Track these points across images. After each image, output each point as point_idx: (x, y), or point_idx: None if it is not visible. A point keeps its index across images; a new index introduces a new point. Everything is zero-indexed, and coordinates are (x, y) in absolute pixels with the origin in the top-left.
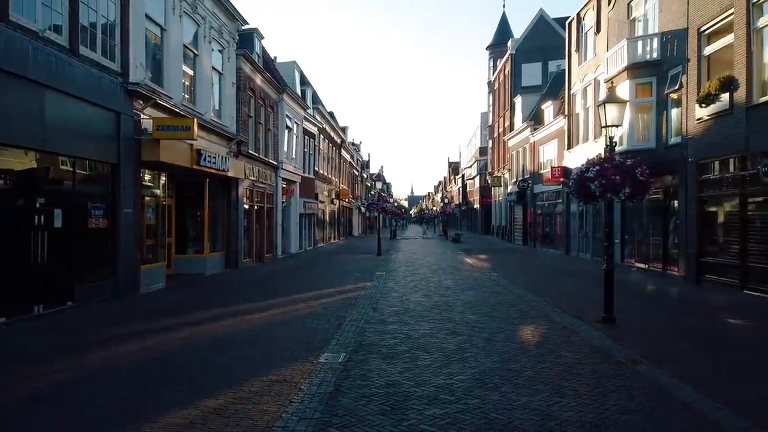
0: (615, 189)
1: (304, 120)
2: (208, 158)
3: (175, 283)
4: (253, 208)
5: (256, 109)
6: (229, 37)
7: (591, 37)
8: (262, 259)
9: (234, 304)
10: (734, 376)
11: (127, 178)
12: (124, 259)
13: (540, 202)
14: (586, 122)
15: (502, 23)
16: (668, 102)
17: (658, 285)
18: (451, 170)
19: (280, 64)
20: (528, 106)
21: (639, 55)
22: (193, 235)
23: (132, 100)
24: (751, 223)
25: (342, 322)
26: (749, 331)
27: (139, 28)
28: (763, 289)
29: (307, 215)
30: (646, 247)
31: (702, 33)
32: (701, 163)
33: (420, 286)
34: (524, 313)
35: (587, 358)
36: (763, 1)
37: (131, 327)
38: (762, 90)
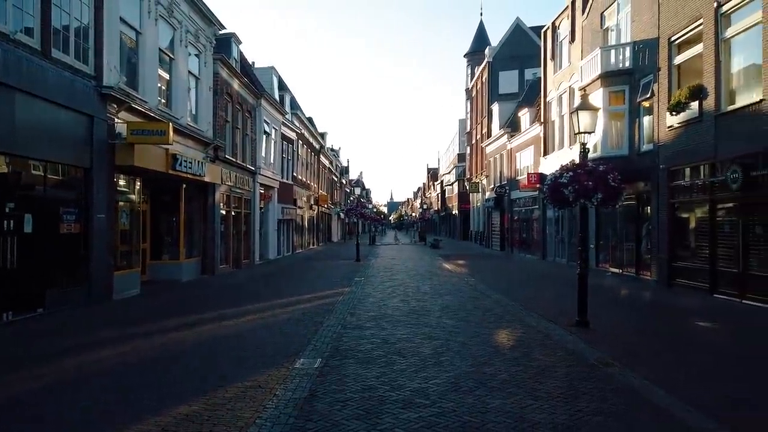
0: (588, 194)
1: (283, 125)
2: (184, 163)
3: (150, 289)
4: (231, 214)
5: (233, 113)
6: (205, 41)
7: (566, 45)
8: (240, 265)
9: (210, 310)
10: (704, 378)
11: (100, 182)
12: (96, 265)
13: (517, 208)
14: (561, 129)
15: (480, 31)
16: (640, 110)
17: (631, 289)
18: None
19: (258, 69)
20: (505, 113)
21: (612, 63)
22: (168, 240)
23: (106, 103)
24: (720, 228)
25: (319, 327)
26: (717, 334)
27: (114, 32)
28: (731, 293)
29: (285, 221)
30: (620, 252)
31: (672, 43)
32: (672, 170)
33: (398, 292)
34: (500, 318)
35: (561, 360)
36: (730, 12)
37: (104, 334)
38: (730, 98)
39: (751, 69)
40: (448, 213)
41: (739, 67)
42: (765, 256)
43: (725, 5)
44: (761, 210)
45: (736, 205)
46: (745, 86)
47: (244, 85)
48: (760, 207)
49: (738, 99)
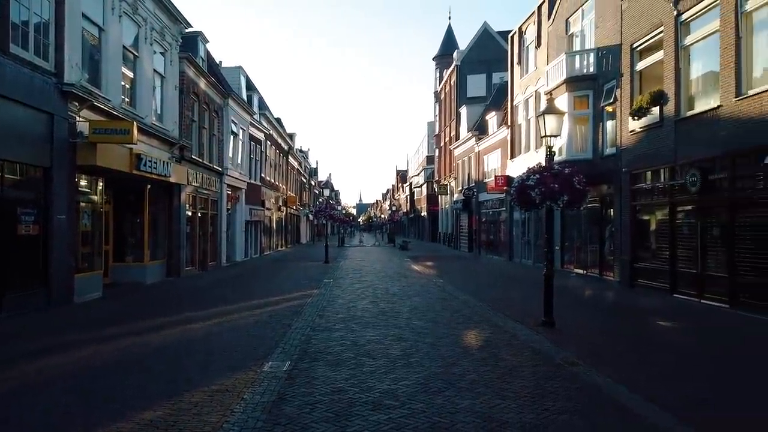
0: (554, 196)
1: (251, 126)
2: (148, 163)
3: (112, 292)
4: (197, 215)
5: (200, 113)
6: (171, 39)
7: (532, 50)
8: (206, 268)
9: (175, 313)
10: (665, 377)
11: (60, 182)
12: (57, 267)
13: (485, 210)
14: (528, 133)
15: (448, 35)
16: (604, 114)
17: (595, 290)
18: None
19: (226, 69)
20: (473, 117)
21: (576, 69)
22: (132, 242)
23: (67, 101)
24: (680, 230)
25: (287, 329)
26: (678, 334)
27: (75, 28)
28: (689, 293)
29: (253, 222)
30: (584, 253)
31: (634, 49)
32: (634, 173)
33: (367, 293)
34: (468, 318)
35: (527, 360)
36: (690, 21)
37: (65, 337)
38: (689, 104)
39: (709, 76)
40: (417, 215)
41: (698, 74)
42: (722, 258)
43: (685, 14)
44: (718, 212)
45: (695, 208)
46: (703, 92)
47: (210, 84)
48: (717, 210)
49: (697, 105)
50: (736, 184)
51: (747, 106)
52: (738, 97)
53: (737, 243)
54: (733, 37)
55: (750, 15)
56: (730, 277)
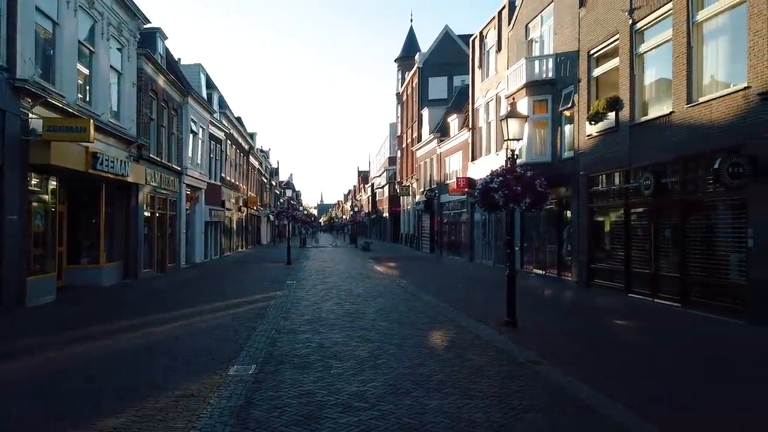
0: (517, 199)
1: (210, 125)
2: (105, 162)
3: (67, 295)
4: (155, 216)
5: (158, 111)
6: (129, 35)
7: (493, 54)
8: (164, 269)
9: (134, 316)
10: (624, 375)
11: (11, 181)
12: (7, 269)
13: (446, 212)
14: (489, 135)
15: (410, 37)
16: (562, 119)
17: (554, 289)
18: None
19: (185, 67)
20: (435, 119)
21: (536, 74)
22: (87, 243)
23: (19, 97)
24: (634, 232)
25: (252, 332)
26: (633, 333)
27: (28, 21)
28: (643, 293)
29: (213, 223)
30: (543, 254)
31: (591, 56)
32: (591, 176)
33: (331, 295)
34: (432, 319)
35: (492, 360)
36: (644, 29)
37: (16, 343)
38: (643, 110)
39: (662, 83)
40: (379, 215)
41: (651, 81)
42: (674, 258)
43: (639, 23)
44: (671, 215)
45: (649, 210)
46: (656, 99)
47: (170, 82)
48: (669, 212)
49: (651, 111)
50: (688, 187)
51: (698, 113)
52: (689, 104)
53: (688, 244)
54: (685, 46)
55: (701, 25)
56: (681, 277)
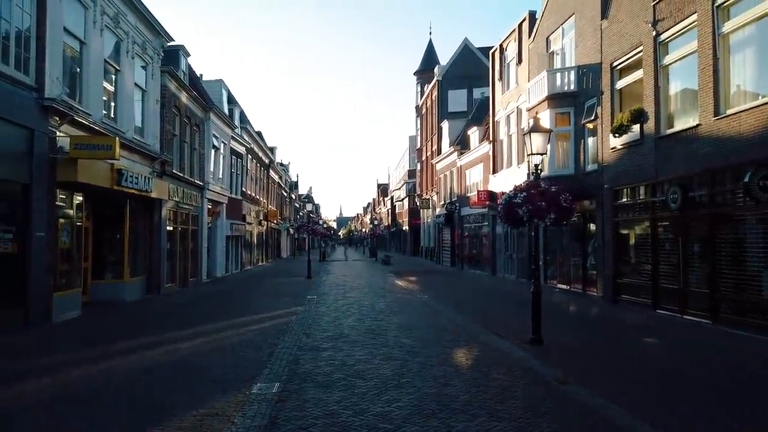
0: (541, 214)
1: (232, 139)
2: (130, 178)
3: (92, 310)
4: (177, 230)
5: (181, 127)
6: (153, 53)
7: (513, 67)
8: (186, 284)
9: (157, 332)
10: (655, 395)
11: (40, 199)
12: (35, 286)
13: (467, 225)
14: (510, 148)
15: (429, 50)
16: (585, 131)
17: (579, 305)
18: (380, 192)
19: (207, 83)
20: (454, 131)
21: (558, 86)
22: (112, 259)
23: (47, 116)
24: (661, 246)
25: (274, 349)
26: (663, 351)
27: (57, 42)
28: (672, 309)
29: (234, 237)
30: (566, 268)
31: (614, 68)
32: (616, 189)
33: (352, 310)
34: (456, 336)
35: (519, 380)
36: (668, 41)
37: (43, 360)
38: (669, 122)
39: (688, 94)
40: (399, 229)
41: (677, 93)
42: (703, 273)
43: (663, 34)
44: (699, 229)
45: (676, 224)
46: (682, 111)
47: (192, 98)
48: (698, 226)
49: (676, 123)
50: (716, 200)
51: (725, 125)
52: (717, 116)
53: (718, 259)
54: (711, 57)
55: (727, 37)
56: (711, 293)
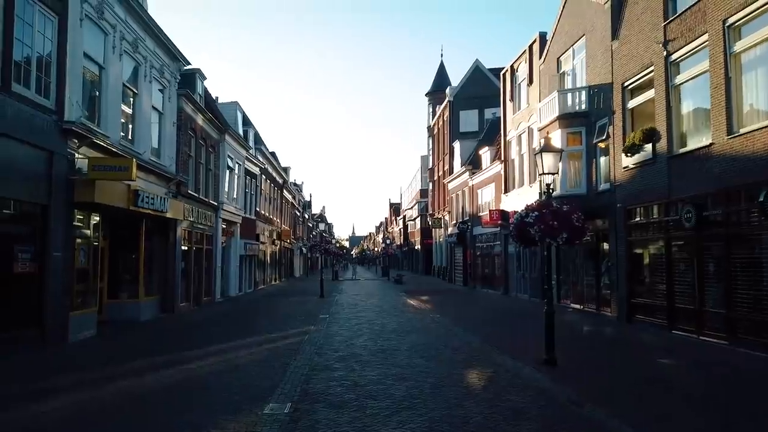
0: (553, 234)
1: (246, 160)
2: (146, 199)
3: (107, 330)
4: (192, 250)
5: (196, 148)
6: (170, 76)
7: (524, 87)
8: (200, 303)
9: (171, 352)
10: (673, 419)
11: (58, 219)
12: (52, 306)
13: (479, 244)
14: (521, 167)
15: (441, 71)
16: (597, 150)
17: (594, 326)
18: (392, 211)
19: (223, 105)
20: (466, 151)
21: (569, 106)
22: (127, 278)
23: (67, 138)
24: (676, 266)
25: (286, 369)
26: (680, 372)
27: (77, 66)
28: (688, 329)
29: (247, 257)
30: (580, 287)
31: (625, 88)
32: (629, 209)
33: (364, 330)
34: (469, 356)
35: (533, 401)
36: (680, 61)
37: (59, 380)
38: (682, 141)
39: (700, 113)
40: (411, 248)
41: (689, 112)
42: (719, 294)
43: (674, 54)
44: (714, 248)
45: (691, 243)
46: (695, 130)
47: (208, 120)
48: (713, 245)
49: (689, 142)
50: (731, 219)
51: (739, 144)
52: (730, 135)
53: (734, 279)
54: (723, 77)
55: (738, 56)
56: (727, 313)
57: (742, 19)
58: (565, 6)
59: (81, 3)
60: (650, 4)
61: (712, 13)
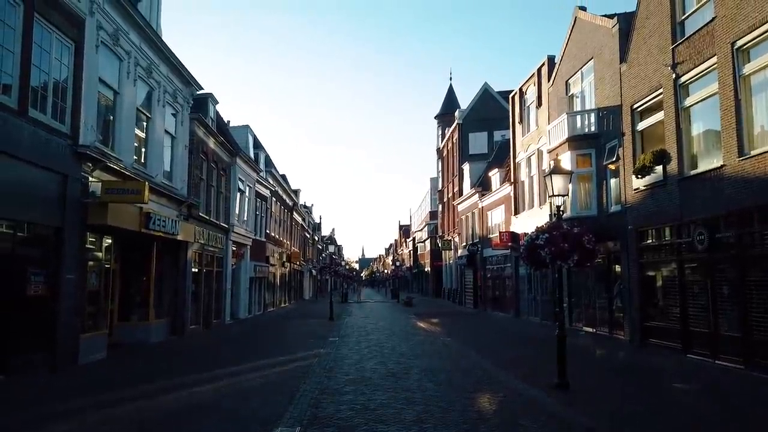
0: (564, 256)
1: (257, 183)
2: (157, 221)
3: (117, 352)
4: (202, 272)
5: (208, 171)
6: (183, 101)
7: (533, 110)
8: (210, 325)
9: (180, 375)
10: None
11: (71, 242)
12: (64, 328)
13: (489, 266)
14: (531, 189)
15: (449, 94)
16: (607, 172)
17: (606, 349)
18: (402, 233)
19: (234, 128)
20: (475, 173)
21: (578, 128)
22: (137, 300)
23: (81, 162)
24: (690, 288)
25: (295, 392)
26: (695, 396)
27: (92, 92)
28: (703, 353)
29: (257, 279)
30: (592, 310)
31: (635, 110)
32: (641, 231)
33: (374, 353)
34: (479, 380)
35: (545, 427)
36: (689, 83)
37: (70, 403)
38: (692, 163)
39: (711, 135)
40: (421, 270)
41: (699, 134)
42: (734, 317)
43: (683, 77)
44: (728, 271)
45: (704, 266)
46: (706, 152)
47: (219, 143)
48: (726, 268)
49: (700, 164)
50: (744, 241)
51: (751, 166)
52: (741, 157)
53: (749, 302)
54: (732, 99)
55: (748, 78)
56: (743, 337)
57: (750, 42)
58: (573, 30)
59: (97, 30)
60: (658, 27)
61: (720, 36)
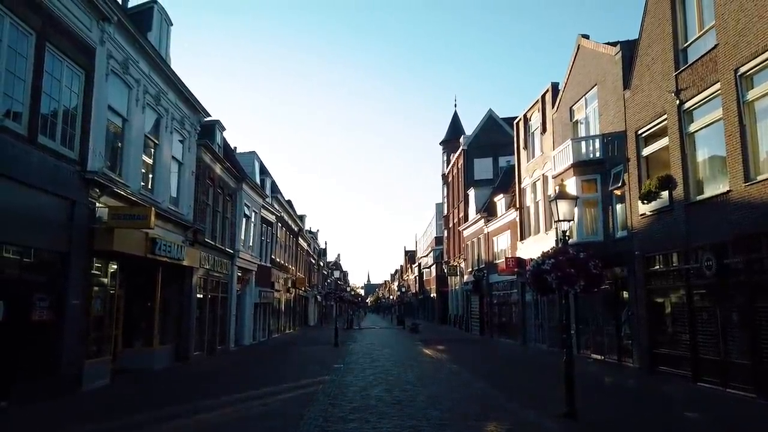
0: (570, 281)
1: (263, 208)
2: (163, 247)
3: (120, 379)
4: (207, 298)
5: (214, 197)
6: (190, 127)
7: (538, 136)
8: (214, 352)
9: (184, 402)
10: None
11: (77, 267)
12: (68, 354)
13: (496, 292)
14: (536, 215)
15: (454, 121)
16: (613, 198)
17: (615, 377)
18: (407, 259)
19: (241, 155)
20: (481, 199)
21: (583, 154)
22: (142, 326)
23: (88, 188)
24: (699, 315)
25: (299, 421)
26: (706, 427)
27: (101, 119)
28: (714, 382)
29: (262, 304)
30: (600, 337)
31: (639, 135)
32: (647, 257)
33: (380, 380)
34: (486, 408)
35: None
36: (693, 109)
37: (74, 430)
38: (698, 188)
39: (716, 160)
40: (427, 296)
41: (704, 159)
42: (744, 344)
43: (687, 103)
44: (737, 297)
45: (713, 292)
46: (711, 177)
47: (226, 169)
48: (735, 294)
49: (706, 189)
50: (753, 267)
51: (757, 192)
52: (747, 182)
53: (759, 329)
54: (737, 125)
55: (752, 104)
56: (753, 365)
57: (753, 68)
58: (576, 57)
59: (107, 59)
60: (660, 54)
61: (723, 62)
